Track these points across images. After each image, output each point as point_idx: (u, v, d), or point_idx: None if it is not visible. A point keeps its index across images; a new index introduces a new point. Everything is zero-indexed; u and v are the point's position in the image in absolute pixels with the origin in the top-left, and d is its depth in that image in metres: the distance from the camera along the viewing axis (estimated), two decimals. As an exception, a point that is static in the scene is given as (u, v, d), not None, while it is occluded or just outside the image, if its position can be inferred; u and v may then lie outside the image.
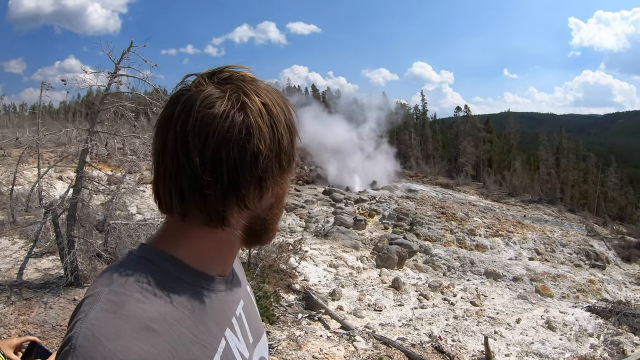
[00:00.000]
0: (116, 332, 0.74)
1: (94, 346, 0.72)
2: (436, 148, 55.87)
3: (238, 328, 1.01)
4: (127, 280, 0.83)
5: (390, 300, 12.91)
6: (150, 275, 0.86)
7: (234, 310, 1.02)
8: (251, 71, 0.93)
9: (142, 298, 0.81)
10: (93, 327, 0.75)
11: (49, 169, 10.87)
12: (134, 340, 0.74)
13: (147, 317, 0.78)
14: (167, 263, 0.90)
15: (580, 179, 45.15)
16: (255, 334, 1.10)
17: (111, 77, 7.74)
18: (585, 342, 11.22)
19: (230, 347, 0.95)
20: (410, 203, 25.96)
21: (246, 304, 1.10)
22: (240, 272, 1.17)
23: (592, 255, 20.53)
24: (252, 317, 1.11)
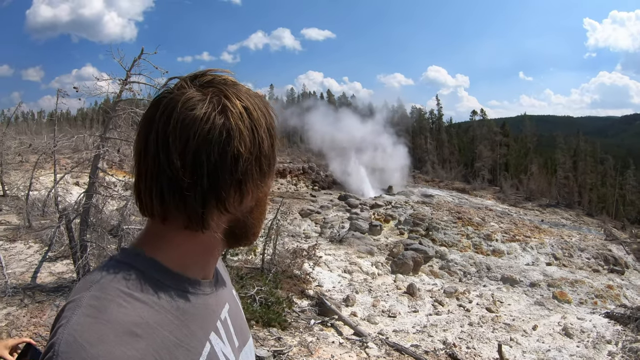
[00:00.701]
0: (99, 337, 0.73)
1: (77, 352, 0.71)
2: (452, 152, 55.76)
3: (223, 331, 1.00)
4: (108, 285, 0.82)
5: (405, 306, 12.82)
6: (132, 279, 0.85)
7: (218, 313, 1.01)
8: (233, 75, 0.93)
9: (123, 302, 0.80)
10: (75, 333, 0.74)
11: (65, 175, 10.96)
12: (117, 345, 0.73)
13: (130, 322, 0.77)
14: (148, 267, 0.89)
15: (598, 182, 44.77)
16: (241, 338, 1.09)
17: (122, 84, 7.82)
18: (603, 349, 11.04)
19: (215, 350, 0.93)
20: (426, 208, 25.92)
21: (231, 307, 1.09)
22: (225, 275, 1.17)
23: (611, 260, 20.29)
24: (237, 320, 1.10)
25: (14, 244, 11.42)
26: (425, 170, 49.24)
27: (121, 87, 7.85)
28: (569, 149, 46.82)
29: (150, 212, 0.90)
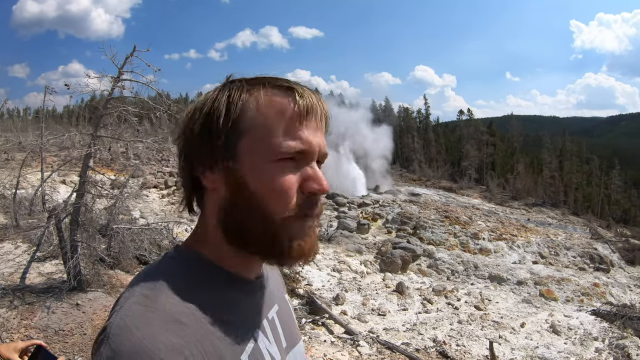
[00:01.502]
0: (146, 322, 0.79)
1: (125, 334, 0.77)
2: (439, 152, 56.03)
3: (270, 331, 1.03)
4: (160, 278, 0.89)
5: (394, 304, 12.85)
6: (182, 274, 0.92)
7: (266, 313, 1.05)
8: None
9: (172, 294, 0.86)
10: (126, 318, 0.81)
11: (52, 173, 10.89)
12: (162, 331, 0.79)
13: (176, 311, 0.83)
14: (195, 262, 0.95)
15: (583, 181, 45.30)
16: (290, 340, 1.11)
17: (114, 81, 7.74)
18: (590, 346, 11.16)
19: (259, 347, 0.96)
20: (413, 207, 25.96)
21: (281, 309, 1.13)
22: (276, 278, 1.21)
23: (597, 258, 20.48)
24: (287, 323, 1.13)
25: (1, 244, 11.30)
26: (413, 169, 49.35)
27: (113, 85, 7.76)
28: (555, 148, 47.34)
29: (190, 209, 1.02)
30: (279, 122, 0.92)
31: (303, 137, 0.93)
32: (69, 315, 7.49)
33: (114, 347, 0.76)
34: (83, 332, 7.22)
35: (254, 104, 0.93)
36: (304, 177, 0.93)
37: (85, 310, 7.67)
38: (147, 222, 11.19)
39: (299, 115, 0.93)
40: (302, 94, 0.95)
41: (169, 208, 19.19)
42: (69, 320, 7.34)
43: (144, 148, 8.71)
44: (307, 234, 0.95)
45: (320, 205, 0.96)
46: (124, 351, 0.75)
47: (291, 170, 0.92)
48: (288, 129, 0.92)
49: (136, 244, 9.77)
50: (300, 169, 0.93)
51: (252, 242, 0.93)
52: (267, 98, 0.93)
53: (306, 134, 0.93)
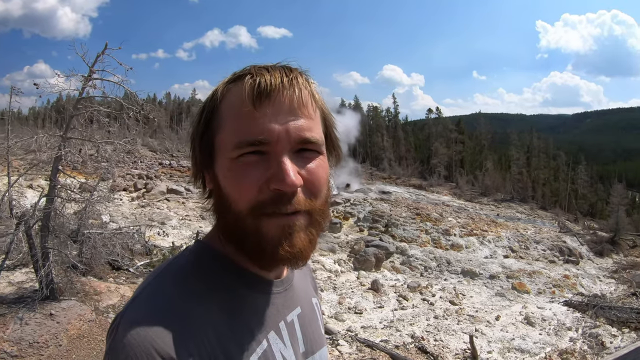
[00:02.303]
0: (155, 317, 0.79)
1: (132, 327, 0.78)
2: (408, 150, 56.50)
3: (287, 334, 0.98)
4: (175, 272, 0.90)
5: (370, 302, 12.88)
6: (197, 269, 0.91)
7: (284, 315, 1.00)
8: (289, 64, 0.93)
9: (185, 290, 0.86)
10: (137, 310, 0.82)
11: (19, 178, 10.60)
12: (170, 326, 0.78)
13: (187, 307, 0.83)
14: (212, 258, 0.93)
15: (551, 177, 46.21)
16: (310, 346, 1.06)
17: (85, 80, 7.51)
18: (564, 335, 11.36)
19: (272, 350, 0.93)
20: (384, 205, 26.08)
21: (304, 313, 1.07)
22: (304, 281, 1.17)
23: (566, 251, 20.86)
24: (309, 328, 1.08)
25: (-33, 253, 10.99)
26: (382, 167, 49.61)
27: (84, 84, 7.54)
28: (523, 145, 48.20)
29: None
30: (234, 113, 0.87)
31: (258, 125, 0.85)
32: (43, 326, 7.27)
33: (122, 337, 0.77)
34: (58, 344, 7.03)
35: (219, 99, 0.90)
36: (270, 172, 0.85)
37: (60, 320, 7.46)
38: (119, 226, 10.97)
39: (252, 100, 0.85)
40: (257, 74, 0.87)
41: (139, 211, 18.94)
42: (44, 332, 7.12)
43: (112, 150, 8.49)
44: (288, 233, 0.86)
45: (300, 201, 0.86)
46: (131, 342, 0.76)
47: (255, 165, 0.85)
48: (242, 119, 0.86)
49: (108, 249, 9.59)
50: (268, 162, 0.85)
51: (235, 241, 0.90)
52: (229, 88, 0.90)
53: (262, 122, 0.85)
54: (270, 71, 0.88)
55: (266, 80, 0.85)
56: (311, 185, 0.87)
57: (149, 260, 11.49)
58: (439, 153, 48.64)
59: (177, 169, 32.82)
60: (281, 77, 0.87)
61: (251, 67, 0.90)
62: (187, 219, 18.73)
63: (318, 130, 0.90)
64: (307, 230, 0.88)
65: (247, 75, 0.87)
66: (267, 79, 0.86)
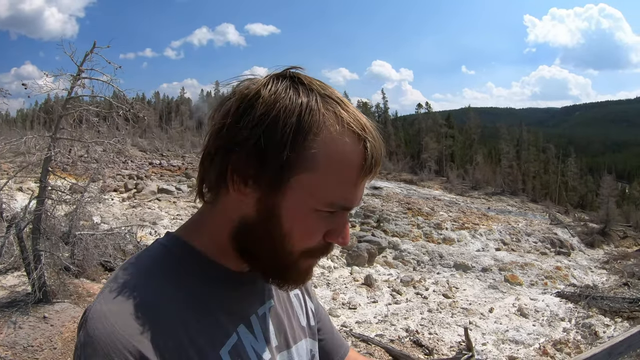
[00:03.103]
0: (121, 309, 0.78)
1: (99, 319, 0.77)
2: (399, 145, 56.55)
3: (259, 327, 0.96)
4: (144, 265, 0.88)
5: (364, 297, 12.91)
6: (165, 262, 0.88)
7: (255, 308, 0.98)
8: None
9: (152, 283, 0.83)
10: (103, 303, 0.80)
11: (9, 180, 10.52)
12: (137, 318, 0.77)
13: (153, 301, 0.81)
14: (183, 251, 0.90)
15: (541, 169, 46.46)
16: (283, 340, 1.03)
17: (74, 80, 7.42)
18: (557, 326, 11.44)
19: (243, 343, 0.91)
20: (375, 200, 26.14)
21: (278, 306, 1.05)
22: None
23: (557, 242, 21.03)
24: (282, 321, 1.05)
25: (-43, 257, 10.90)
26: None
27: (72, 84, 7.45)
28: (512, 139, 48.46)
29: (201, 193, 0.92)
30: (341, 172, 0.81)
31: (357, 196, 0.85)
32: (37, 329, 7.21)
33: (89, 331, 0.76)
34: (53, 347, 6.98)
35: (326, 139, 0.80)
36: (333, 227, 0.86)
37: (54, 323, 7.41)
38: (110, 227, 10.92)
39: (363, 173, 0.83)
40: (373, 146, 0.83)
41: (131, 211, 18.87)
42: (38, 335, 7.06)
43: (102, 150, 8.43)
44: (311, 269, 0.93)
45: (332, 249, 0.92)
46: (97, 336, 0.75)
47: (325, 219, 0.84)
48: (345, 183, 0.82)
49: (100, 250, 9.52)
50: (333, 218, 0.85)
51: (259, 265, 0.90)
52: (338, 138, 0.81)
53: (359, 192, 0.85)
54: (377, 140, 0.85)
55: (378, 156, 0.84)
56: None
57: (141, 261, 11.43)
58: (429, 148, 48.79)
59: (167, 169, 32.74)
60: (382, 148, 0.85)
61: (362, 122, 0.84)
62: (178, 218, 18.68)
63: None
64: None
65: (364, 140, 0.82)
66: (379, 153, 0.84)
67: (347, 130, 0.81)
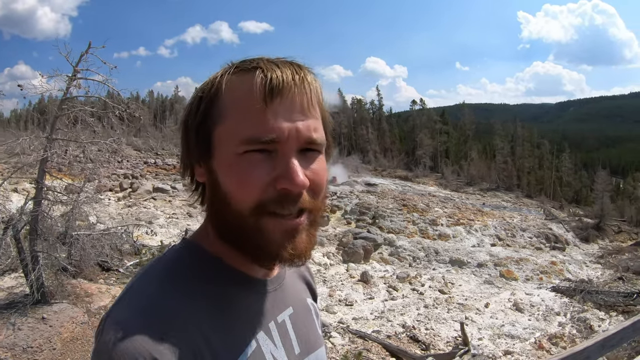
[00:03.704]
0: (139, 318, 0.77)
1: (118, 328, 0.76)
2: (393, 142, 56.54)
3: (277, 334, 0.95)
4: (159, 272, 0.87)
5: (360, 294, 12.94)
6: (183, 268, 0.88)
7: (275, 315, 0.97)
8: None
9: (169, 289, 0.83)
10: (121, 311, 0.80)
11: (4, 182, 10.48)
12: (154, 328, 0.76)
13: (171, 308, 0.80)
14: (200, 257, 0.90)
15: (535, 165, 46.48)
16: (305, 347, 1.02)
17: (70, 80, 7.38)
18: (553, 320, 11.51)
19: (262, 351, 0.90)
20: (371, 197, 26.16)
21: (297, 313, 1.03)
22: (299, 281, 1.14)
23: (552, 238, 21.10)
24: (303, 328, 1.04)
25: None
26: (368, 159, 49.62)
27: (68, 84, 7.42)
28: (507, 134, 48.45)
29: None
30: (243, 107, 0.82)
31: (269, 123, 0.81)
32: (36, 330, 7.20)
33: (105, 339, 0.76)
34: (52, 347, 6.98)
35: (223, 88, 0.84)
36: (278, 172, 0.81)
37: (53, 324, 7.40)
38: (106, 227, 10.89)
39: (263, 97, 0.81)
40: (268, 69, 0.83)
41: (126, 211, 18.84)
42: (37, 336, 7.05)
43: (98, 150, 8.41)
44: (292, 236, 0.84)
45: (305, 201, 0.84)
46: (113, 343, 0.74)
47: (261, 163, 0.81)
48: (251, 114, 0.81)
49: (97, 250, 9.47)
50: (275, 161, 0.82)
51: (233, 240, 0.87)
52: (235, 81, 0.84)
53: (273, 120, 0.81)
54: (280, 67, 0.84)
55: (278, 77, 0.82)
56: (315, 185, 0.85)
57: (139, 260, 11.44)
58: (424, 144, 48.76)
59: (162, 167, 32.61)
60: (292, 74, 0.84)
61: (259, 60, 0.85)
62: (174, 217, 18.68)
63: (322, 131, 0.88)
64: (308, 231, 0.87)
65: (256, 69, 0.83)
66: (279, 75, 0.82)
67: (241, 71, 0.84)
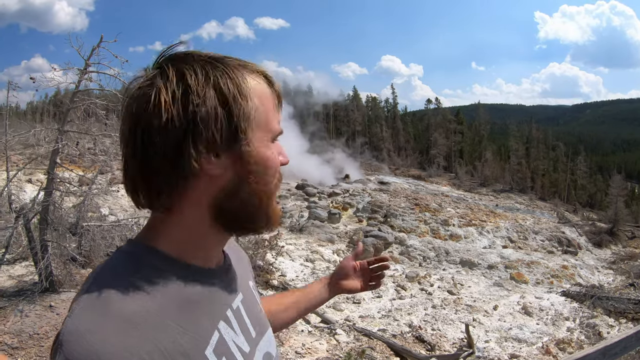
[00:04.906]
0: (98, 326, 0.76)
1: (77, 340, 0.74)
2: (408, 140, 56.33)
3: (235, 321, 0.98)
4: (111, 276, 0.85)
5: (368, 292, 12.92)
6: (134, 269, 0.86)
7: (229, 302, 0.99)
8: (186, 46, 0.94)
9: (124, 292, 0.81)
10: (77, 323, 0.77)
11: (18, 172, 10.61)
12: (116, 333, 0.75)
13: (130, 311, 0.79)
14: (150, 256, 0.89)
15: (550, 168, 46.14)
16: (258, 329, 1.07)
17: (81, 73, 7.48)
18: (561, 325, 11.43)
19: (225, 340, 0.93)
20: (383, 195, 26.10)
21: (246, 297, 1.07)
22: (239, 265, 1.14)
23: (564, 241, 20.92)
24: (253, 311, 1.08)
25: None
26: (382, 158, 49.53)
27: (79, 77, 7.50)
28: (522, 136, 48.11)
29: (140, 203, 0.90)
30: (270, 107, 0.94)
31: (281, 121, 0.99)
32: (43, 317, 7.29)
33: (67, 354, 0.73)
34: (58, 334, 7.07)
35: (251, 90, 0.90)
36: (278, 152, 0.97)
37: (60, 312, 7.47)
38: (117, 219, 10.97)
39: (279, 102, 0.99)
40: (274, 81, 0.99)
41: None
42: (44, 323, 7.13)
43: (111, 143, 8.48)
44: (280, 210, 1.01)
45: None
46: (77, 358, 0.72)
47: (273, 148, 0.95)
48: (274, 114, 0.95)
49: (107, 242, 9.55)
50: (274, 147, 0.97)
51: (250, 219, 0.94)
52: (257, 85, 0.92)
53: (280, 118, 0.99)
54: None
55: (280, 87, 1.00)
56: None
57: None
58: (438, 143, 48.55)
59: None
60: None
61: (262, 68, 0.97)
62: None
63: None
64: None
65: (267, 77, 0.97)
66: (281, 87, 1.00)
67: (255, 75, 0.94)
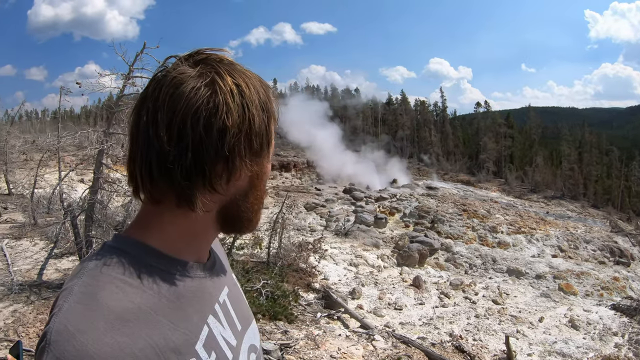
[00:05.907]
0: (89, 324, 0.73)
1: (67, 340, 0.71)
2: (457, 145, 55.80)
3: (222, 315, 0.99)
4: (100, 271, 0.83)
5: (411, 299, 12.82)
6: (124, 264, 0.85)
7: (216, 297, 1.00)
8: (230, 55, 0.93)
9: (114, 288, 0.80)
10: (66, 321, 0.74)
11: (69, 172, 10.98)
12: (107, 332, 0.73)
13: (121, 307, 0.77)
14: (139, 251, 0.88)
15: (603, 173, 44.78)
16: (244, 322, 1.08)
17: (125, 78, 7.83)
18: (609, 341, 11.04)
19: (214, 334, 0.93)
20: (431, 201, 25.88)
21: (231, 291, 1.08)
22: (222, 259, 1.15)
23: (617, 251, 20.25)
24: (238, 304, 1.09)
25: (19, 242, 11.47)
26: (430, 162, 49.22)
27: (124, 82, 7.86)
28: (574, 140, 46.92)
29: (142, 192, 0.89)
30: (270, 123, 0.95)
31: None
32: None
33: (58, 354, 0.71)
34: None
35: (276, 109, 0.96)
36: None
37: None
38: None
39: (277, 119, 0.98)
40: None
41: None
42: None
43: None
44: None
45: None
46: (68, 358, 0.70)
47: None
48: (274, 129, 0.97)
49: (152, 241, 9.79)
50: None
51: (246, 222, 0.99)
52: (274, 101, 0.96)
53: None
54: None
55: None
56: None
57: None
58: (488, 148, 47.90)
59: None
60: None
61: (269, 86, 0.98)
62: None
63: None
64: None
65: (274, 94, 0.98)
66: None
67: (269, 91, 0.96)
